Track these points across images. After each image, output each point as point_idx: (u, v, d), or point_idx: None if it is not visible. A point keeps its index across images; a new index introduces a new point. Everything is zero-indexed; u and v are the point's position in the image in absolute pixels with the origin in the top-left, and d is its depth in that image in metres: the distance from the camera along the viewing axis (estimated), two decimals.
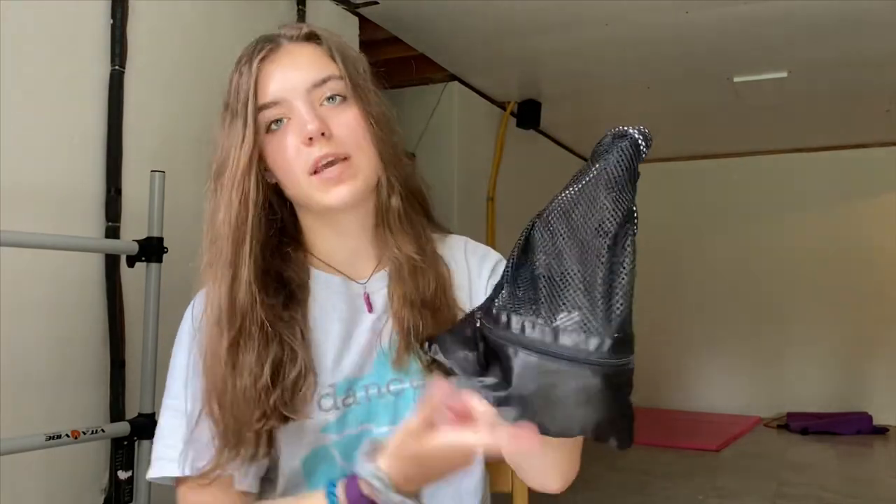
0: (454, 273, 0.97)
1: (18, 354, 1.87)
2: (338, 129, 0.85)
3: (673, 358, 6.54)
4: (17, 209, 1.86)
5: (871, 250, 5.97)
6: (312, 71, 0.86)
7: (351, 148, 0.86)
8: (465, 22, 3.53)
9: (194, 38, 2.46)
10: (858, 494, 3.93)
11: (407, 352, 0.91)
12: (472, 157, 4.54)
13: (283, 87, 0.85)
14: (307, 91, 0.85)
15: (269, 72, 0.86)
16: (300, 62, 0.87)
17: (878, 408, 5.79)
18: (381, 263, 0.96)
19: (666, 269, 6.61)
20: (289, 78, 0.85)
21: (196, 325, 0.89)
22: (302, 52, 0.88)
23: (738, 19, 3.46)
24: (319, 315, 0.92)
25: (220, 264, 0.85)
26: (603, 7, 3.35)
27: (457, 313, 0.93)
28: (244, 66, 0.87)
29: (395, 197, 0.91)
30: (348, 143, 0.86)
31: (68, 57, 2.04)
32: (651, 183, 6.72)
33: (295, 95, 0.85)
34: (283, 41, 0.88)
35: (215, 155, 0.88)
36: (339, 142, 0.85)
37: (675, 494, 3.87)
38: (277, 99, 0.85)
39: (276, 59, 0.86)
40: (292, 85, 0.85)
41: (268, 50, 0.87)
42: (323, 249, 0.95)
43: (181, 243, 2.14)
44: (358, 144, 0.86)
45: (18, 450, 1.67)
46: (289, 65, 0.86)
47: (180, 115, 2.38)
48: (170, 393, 0.91)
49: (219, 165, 0.87)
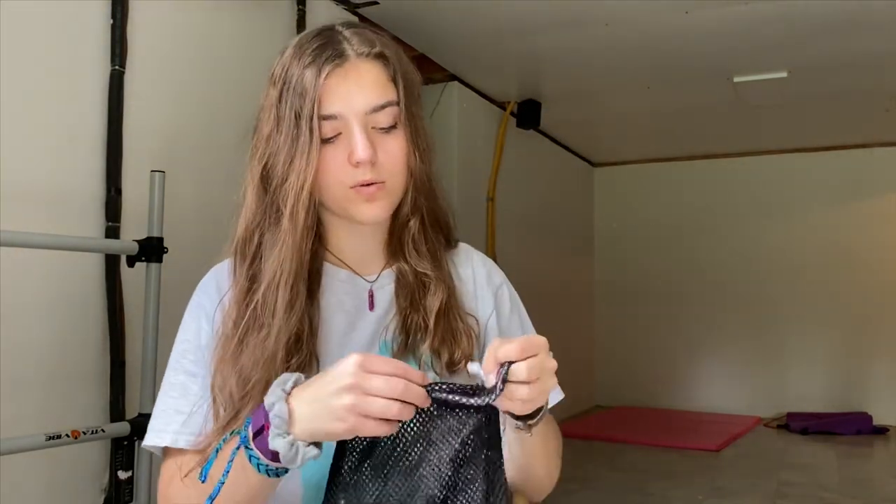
0: (463, 282, 1.02)
1: (19, 354, 1.87)
2: (383, 155, 0.89)
3: (673, 358, 6.54)
4: (17, 209, 1.86)
5: (872, 250, 5.97)
6: (374, 95, 0.88)
7: (389, 174, 0.90)
8: (465, 22, 3.53)
9: (194, 38, 2.46)
10: (858, 494, 3.93)
11: (406, 353, 0.94)
12: (472, 156, 4.54)
13: (345, 105, 0.87)
14: (365, 114, 0.88)
15: (334, 85, 0.87)
16: (365, 82, 0.88)
17: (878, 408, 5.79)
18: (388, 264, 1.00)
19: (666, 269, 6.61)
20: (352, 97, 0.87)
21: (216, 298, 0.93)
22: (369, 72, 0.89)
23: (738, 19, 3.46)
24: (325, 306, 0.95)
25: (284, 258, 0.88)
26: (603, 7, 3.35)
27: (465, 320, 0.97)
28: (309, 69, 0.87)
29: (416, 220, 0.96)
30: (389, 169, 0.90)
31: (68, 57, 2.04)
32: (651, 182, 6.75)
33: (353, 115, 0.87)
34: (352, 55, 0.88)
35: (267, 140, 0.90)
36: (381, 168, 0.89)
37: (675, 494, 3.87)
38: (337, 114, 0.87)
39: (342, 73, 0.87)
40: (353, 105, 0.87)
41: (336, 63, 0.87)
42: (335, 245, 0.98)
43: (181, 243, 2.14)
44: (397, 171, 0.91)
45: (18, 450, 1.67)
46: (354, 83, 0.87)
47: (180, 115, 2.38)
48: (181, 364, 0.93)
49: (275, 162, 0.89)
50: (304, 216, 0.87)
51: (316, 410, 0.74)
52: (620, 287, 6.78)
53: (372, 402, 0.72)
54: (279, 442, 0.74)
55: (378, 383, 0.72)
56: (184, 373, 0.92)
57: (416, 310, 0.95)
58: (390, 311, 0.97)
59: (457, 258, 1.04)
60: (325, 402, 0.73)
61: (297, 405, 0.75)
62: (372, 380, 0.72)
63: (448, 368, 0.94)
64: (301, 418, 0.75)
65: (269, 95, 0.90)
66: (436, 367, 0.94)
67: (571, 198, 6.53)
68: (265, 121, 0.90)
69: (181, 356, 0.93)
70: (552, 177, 5.98)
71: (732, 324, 6.40)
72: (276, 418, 0.75)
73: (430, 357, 0.94)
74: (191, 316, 0.95)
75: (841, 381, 6.04)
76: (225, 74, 2.55)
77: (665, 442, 5.09)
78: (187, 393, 0.91)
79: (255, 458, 0.76)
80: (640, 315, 6.68)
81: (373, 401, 0.72)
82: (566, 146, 6.24)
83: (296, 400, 0.76)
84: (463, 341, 0.94)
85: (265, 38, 2.76)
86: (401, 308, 0.96)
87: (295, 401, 0.76)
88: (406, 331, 0.95)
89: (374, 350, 0.95)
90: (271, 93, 0.90)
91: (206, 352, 0.91)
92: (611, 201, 6.95)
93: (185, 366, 0.92)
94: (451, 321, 0.95)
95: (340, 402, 0.72)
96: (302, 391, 0.77)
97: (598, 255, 6.96)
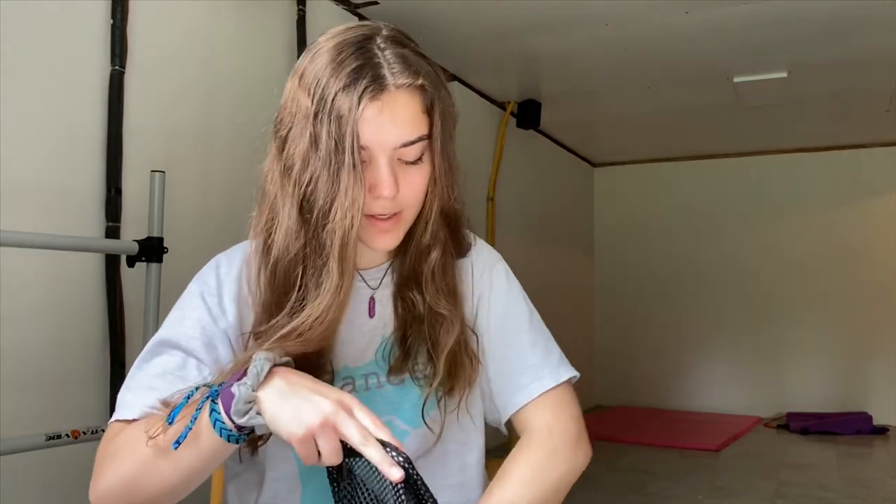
0: (463, 293, 1.00)
1: (19, 354, 1.87)
2: (404, 187, 0.86)
3: (673, 358, 6.54)
4: (17, 209, 1.86)
5: (872, 250, 5.97)
6: (406, 130, 0.85)
7: (408, 205, 0.89)
8: (465, 22, 3.53)
9: (194, 39, 2.46)
10: (858, 494, 3.93)
11: (404, 364, 0.95)
12: (472, 157, 4.54)
13: (376, 138, 0.83)
14: (394, 149, 0.85)
15: (369, 118, 0.82)
16: (399, 116, 0.84)
17: (878, 408, 5.79)
18: (389, 254, 0.98)
19: (666, 269, 6.61)
20: (384, 132, 0.83)
21: (237, 281, 0.94)
22: (405, 106, 0.84)
23: (738, 19, 3.46)
24: None
25: (332, 304, 0.84)
26: (603, 7, 3.35)
27: (471, 351, 0.96)
28: (345, 95, 0.81)
29: (437, 251, 0.94)
30: (408, 200, 0.88)
31: (68, 57, 2.05)
32: (651, 183, 6.75)
33: (381, 150, 0.84)
34: (391, 86, 0.83)
35: (304, 158, 0.84)
36: (401, 199, 0.87)
37: (675, 494, 3.87)
38: (366, 145, 0.83)
39: (378, 105, 0.82)
40: (384, 139, 0.83)
41: (372, 95, 0.82)
42: None
43: (181, 243, 2.14)
44: (415, 202, 0.89)
45: (18, 450, 1.67)
46: (388, 117, 0.83)
47: (180, 115, 2.38)
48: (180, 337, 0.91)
49: (316, 188, 0.83)
50: (352, 257, 0.84)
51: (288, 400, 0.75)
52: (620, 287, 6.78)
53: (329, 436, 0.73)
54: (241, 390, 0.75)
55: (352, 429, 0.73)
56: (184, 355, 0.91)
57: (421, 339, 0.94)
58: (389, 323, 0.97)
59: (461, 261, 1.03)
60: (299, 404, 0.74)
61: (278, 379, 0.76)
62: (346, 421, 0.73)
63: (447, 396, 0.95)
64: (272, 390, 0.76)
65: (300, 102, 0.84)
66: (435, 394, 0.94)
67: (571, 198, 6.53)
68: (298, 132, 0.84)
69: (189, 338, 0.91)
70: (552, 177, 5.98)
71: (732, 324, 6.40)
72: (255, 370, 0.76)
73: (436, 389, 0.94)
74: (193, 307, 0.94)
75: (841, 381, 6.03)
76: (225, 75, 2.55)
77: (665, 442, 5.09)
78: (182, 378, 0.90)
79: (217, 412, 0.76)
80: (640, 315, 6.68)
81: (331, 436, 0.73)
82: (566, 146, 6.23)
83: (280, 374, 0.77)
84: (467, 371, 0.95)
85: (265, 38, 2.76)
86: (401, 325, 0.95)
87: (279, 374, 0.77)
88: (406, 350, 0.95)
89: (372, 350, 0.95)
90: (302, 100, 0.84)
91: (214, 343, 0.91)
92: (611, 201, 6.95)
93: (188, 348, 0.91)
94: (459, 357, 0.94)
95: (309, 416, 0.73)
96: (291, 375, 0.77)
97: (598, 255, 6.96)
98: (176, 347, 0.90)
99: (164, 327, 0.93)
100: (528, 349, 1.00)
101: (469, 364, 0.95)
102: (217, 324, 0.91)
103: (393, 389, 0.95)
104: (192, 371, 0.88)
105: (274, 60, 2.76)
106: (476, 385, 0.99)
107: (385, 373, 0.95)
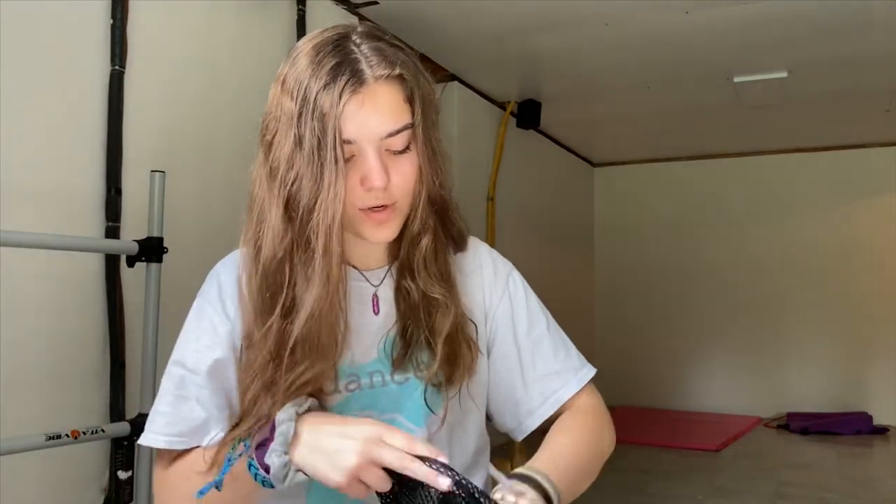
0: (466, 275, 1.02)
1: (19, 354, 1.87)
2: (395, 177, 0.88)
3: (673, 358, 6.54)
4: (17, 209, 1.86)
5: (871, 250, 5.97)
6: (390, 120, 0.86)
7: (400, 195, 0.90)
8: (464, 22, 3.53)
9: (194, 38, 2.46)
10: (858, 494, 3.93)
11: (406, 359, 0.95)
12: (472, 156, 4.54)
13: (361, 131, 0.84)
14: (380, 139, 0.86)
15: (351, 112, 0.84)
16: (381, 107, 0.85)
17: (878, 408, 5.79)
18: (390, 262, 0.99)
19: (666, 269, 6.61)
20: (368, 123, 0.85)
21: (233, 290, 0.94)
22: (385, 95, 0.86)
23: (738, 19, 3.46)
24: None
25: (321, 296, 0.86)
26: (603, 7, 3.35)
27: (469, 338, 0.97)
28: (326, 93, 0.83)
29: (428, 237, 0.95)
30: (400, 190, 0.89)
31: (68, 57, 2.05)
32: (651, 183, 6.75)
33: (368, 142, 0.85)
34: (369, 78, 0.84)
35: (288, 159, 0.85)
36: (393, 190, 0.88)
37: (675, 494, 3.87)
38: (352, 139, 0.85)
39: (359, 98, 0.84)
40: (369, 131, 0.85)
41: (353, 89, 0.83)
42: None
43: (181, 243, 2.14)
44: (407, 192, 0.90)
45: (18, 450, 1.67)
46: (371, 109, 0.85)
47: (180, 115, 2.38)
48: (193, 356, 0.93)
49: (300, 187, 0.85)
50: (338, 249, 0.85)
51: (320, 451, 0.78)
52: (620, 287, 6.78)
53: (370, 470, 0.76)
54: (274, 459, 0.78)
55: (388, 456, 0.75)
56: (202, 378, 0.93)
57: (419, 327, 0.95)
58: (392, 316, 0.97)
59: (464, 259, 1.04)
60: (332, 451, 0.77)
61: (306, 434, 0.79)
62: (381, 452, 0.76)
63: (447, 384, 0.95)
64: (303, 446, 0.79)
65: (284, 106, 0.86)
66: (434, 381, 0.95)
67: (571, 198, 6.53)
68: (283, 135, 0.85)
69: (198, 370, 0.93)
70: (552, 177, 5.98)
71: (732, 324, 6.40)
72: (281, 436, 0.78)
73: (435, 376, 0.95)
74: (209, 308, 0.95)
75: (841, 381, 6.03)
76: (225, 74, 2.55)
77: (665, 442, 5.09)
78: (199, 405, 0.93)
79: (254, 467, 0.80)
80: (640, 314, 6.68)
81: (372, 470, 0.76)
82: (566, 146, 6.23)
83: (306, 427, 0.80)
84: (466, 359, 0.96)
85: (265, 38, 2.76)
86: (401, 317, 0.96)
87: (305, 427, 0.80)
88: (406, 342, 0.95)
89: (375, 348, 0.96)
90: (285, 104, 0.86)
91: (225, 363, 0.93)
92: (611, 201, 6.95)
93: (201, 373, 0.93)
94: (457, 343, 0.95)
95: (345, 460, 0.76)
96: (316, 424, 0.80)
97: (598, 254, 6.95)
98: (183, 366, 0.93)
99: (175, 347, 0.96)
100: (550, 356, 1.03)
101: (468, 350, 0.96)
102: (226, 331, 0.94)
103: (397, 388, 0.96)
104: (203, 392, 0.92)
105: (274, 60, 2.73)
106: (476, 376, 0.99)
107: (389, 370, 0.96)
